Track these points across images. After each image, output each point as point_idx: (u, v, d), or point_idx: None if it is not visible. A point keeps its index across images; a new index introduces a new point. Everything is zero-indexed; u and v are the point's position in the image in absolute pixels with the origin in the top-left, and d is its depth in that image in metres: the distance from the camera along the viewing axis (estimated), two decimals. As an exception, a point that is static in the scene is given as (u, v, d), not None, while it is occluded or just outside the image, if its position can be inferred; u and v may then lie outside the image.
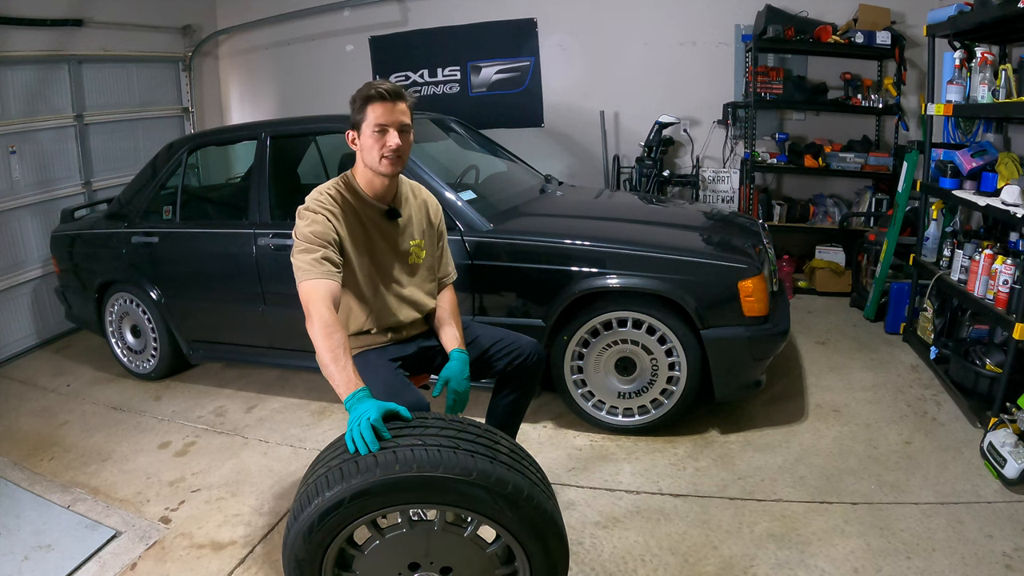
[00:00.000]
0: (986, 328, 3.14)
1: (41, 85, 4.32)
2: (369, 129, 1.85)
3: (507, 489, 1.41)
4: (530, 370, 2.13)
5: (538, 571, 1.52)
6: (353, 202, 1.94)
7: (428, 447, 1.42)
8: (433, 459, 1.40)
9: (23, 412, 3.41)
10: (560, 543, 1.51)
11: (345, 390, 1.56)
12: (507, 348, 2.12)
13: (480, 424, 1.59)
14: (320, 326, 1.64)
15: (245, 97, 6.04)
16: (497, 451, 1.49)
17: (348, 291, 1.97)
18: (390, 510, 1.45)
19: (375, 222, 1.97)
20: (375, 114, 1.84)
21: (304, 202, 1.90)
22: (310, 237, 1.80)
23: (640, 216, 3.31)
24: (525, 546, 1.49)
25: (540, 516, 1.46)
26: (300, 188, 3.93)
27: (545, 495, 1.51)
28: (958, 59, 3.03)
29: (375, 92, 1.84)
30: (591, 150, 5.06)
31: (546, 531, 1.48)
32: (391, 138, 1.85)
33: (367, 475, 1.39)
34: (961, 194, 3.04)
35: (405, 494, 1.41)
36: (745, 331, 2.59)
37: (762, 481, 2.46)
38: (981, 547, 2.04)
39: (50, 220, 4.21)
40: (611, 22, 4.89)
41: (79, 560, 2.19)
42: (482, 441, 1.50)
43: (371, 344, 2.05)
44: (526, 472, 1.50)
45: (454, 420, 1.57)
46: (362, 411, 1.47)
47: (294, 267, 1.79)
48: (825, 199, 4.77)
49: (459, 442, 1.46)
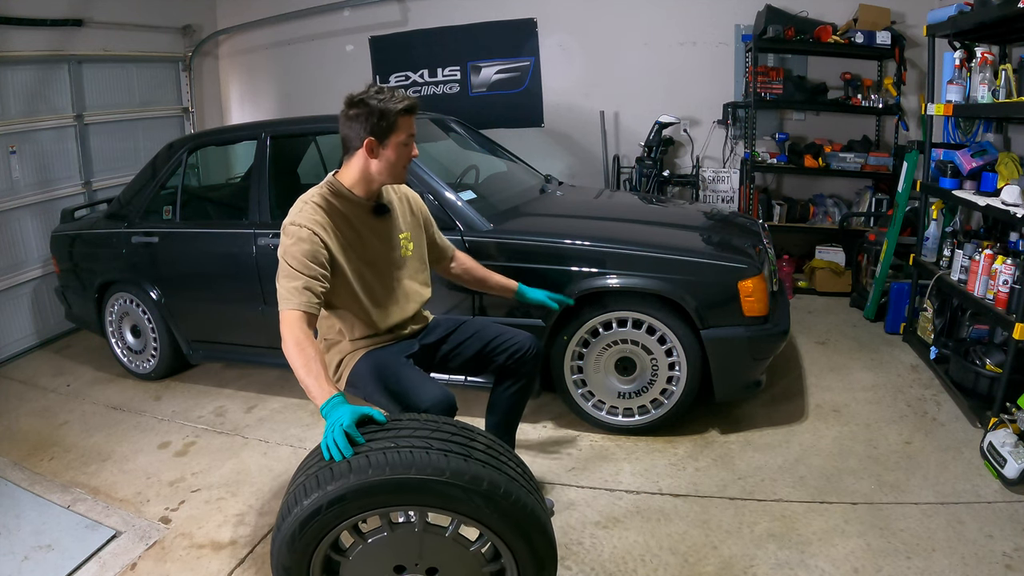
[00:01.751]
0: (986, 328, 3.14)
1: (41, 85, 4.32)
2: (400, 142, 1.87)
3: (482, 486, 1.42)
4: (530, 363, 2.17)
5: (525, 567, 1.51)
6: (340, 205, 1.92)
7: (400, 449, 1.43)
8: (405, 460, 1.41)
9: (23, 412, 3.41)
10: (543, 537, 1.50)
11: (320, 398, 1.56)
12: (507, 342, 2.15)
13: (456, 422, 1.60)
14: (292, 344, 1.66)
15: (245, 97, 6.04)
16: (472, 448, 1.49)
17: (346, 298, 1.96)
18: (369, 514, 1.46)
19: (364, 221, 1.97)
20: (407, 126, 1.87)
21: (289, 214, 1.87)
22: (294, 262, 1.78)
23: (640, 216, 3.31)
24: (508, 542, 1.49)
25: (520, 512, 1.45)
26: (300, 188, 3.88)
27: (525, 490, 1.50)
28: (958, 59, 3.03)
29: (409, 105, 1.86)
30: (591, 150, 5.06)
31: (528, 526, 1.47)
32: (414, 149, 1.91)
33: (341, 481, 1.40)
34: (961, 194, 3.04)
35: (380, 497, 1.42)
36: (745, 331, 2.59)
37: (762, 481, 2.46)
38: (981, 547, 2.04)
39: (50, 220, 4.21)
40: (611, 22, 4.89)
41: (79, 560, 2.19)
42: (456, 439, 1.50)
43: (376, 343, 2.05)
44: (503, 468, 1.49)
45: (429, 420, 1.58)
46: (336, 418, 1.49)
47: (277, 289, 1.78)
48: (825, 199, 4.77)
49: (432, 442, 1.46)
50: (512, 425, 2.28)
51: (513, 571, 1.53)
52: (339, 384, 2.08)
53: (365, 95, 1.84)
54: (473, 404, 3.11)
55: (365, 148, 1.87)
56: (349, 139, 1.90)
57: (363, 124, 1.85)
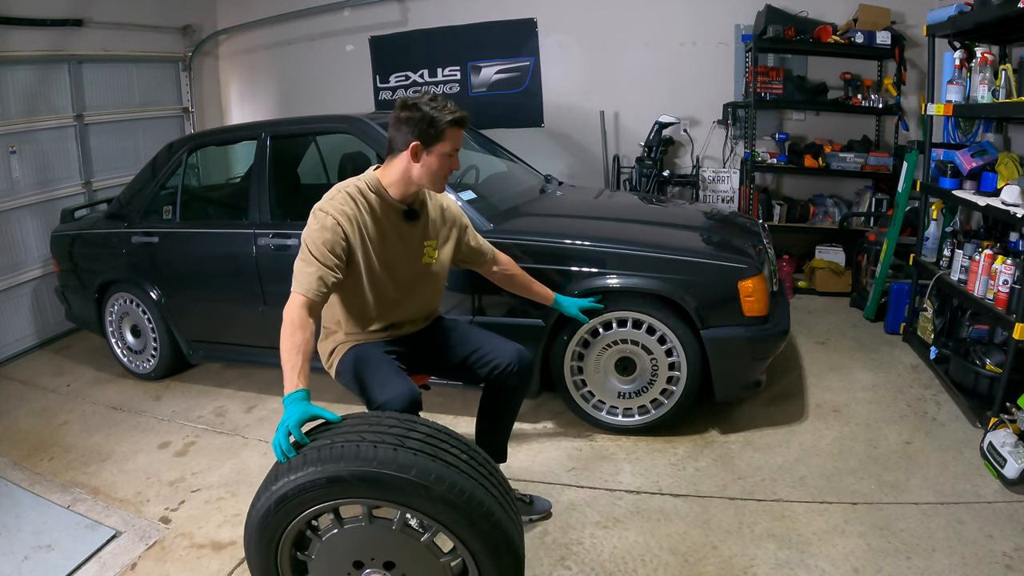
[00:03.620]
0: (986, 328, 3.14)
1: (41, 85, 4.32)
2: (445, 152, 1.90)
3: (411, 472, 1.42)
4: (513, 378, 2.10)
5: (476, 553, 1.48)
6: (374, 201, 1.95)
7: (335, 444, 1.46)
8: (335, 455, 1.44)
9: (23, 412, 3.41)
10: (487, 523, 1.45)
11: (286, 389, 1.61)
12: (487, 356, 2.10)
13: (399, 415, 1.61)
14: (287, 326, 1.71)
15: (245, 97, 6.04)
16: (408, 438, 1.49)
17: (353, 290, 1.99)
18: (315, 509, 1.50)
19: (392, 221, 1.99)
20: (454, 139, 1.90)
21: (322, 199, 1.93)
22: (313, 248, 1.83)
23: (640, 216, 3.31)
24: (454, 533, 1.47)
25: (456, 495, 1.43)
26: (300, 188, 3.93)
27: (466, 475, 1.48)
28: (958, 59, 3.03)
29: (460, 117, 1.89)
30: (591, 150, 5.06)
31: (469, 510, 1.44)
32: (457, 162, 1.93)
33: (283, 479, 1.47)
34: (961, 194, 3.04)
35: (317, 492, 1.45)
36: (745, 331, 2.59)
37: (762, 481, 2.46)
38: (981, 547, 2.04)
39: (50, 220, 4.21)
40: (611, 22, 4.89)
41: (79, 560, 2.20)
42: (394, 431, 1.51)
43: (368, 339, 2.07)
44: (439, 455, 1.48)
45: (370, 416, 1.60)
46: (285, 418, 1.53)
47: (294, 269, 1.83)
48: (825, 199, 4.77)
49: (364, 435, 1.48)
50: (496, 434, 2.24)
51: (467, 559, 1.51)
52: (330, 372, 2.12)
53: (419, 100, 1.87)
54: (473, 404, 3.07)
55: (410, 152, 1.89)
56: (395, 140, 1.92)
57: (412, 128, 1.87)
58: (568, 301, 2.49)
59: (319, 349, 2.15)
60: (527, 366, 2.12)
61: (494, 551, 1.48)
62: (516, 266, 2.40)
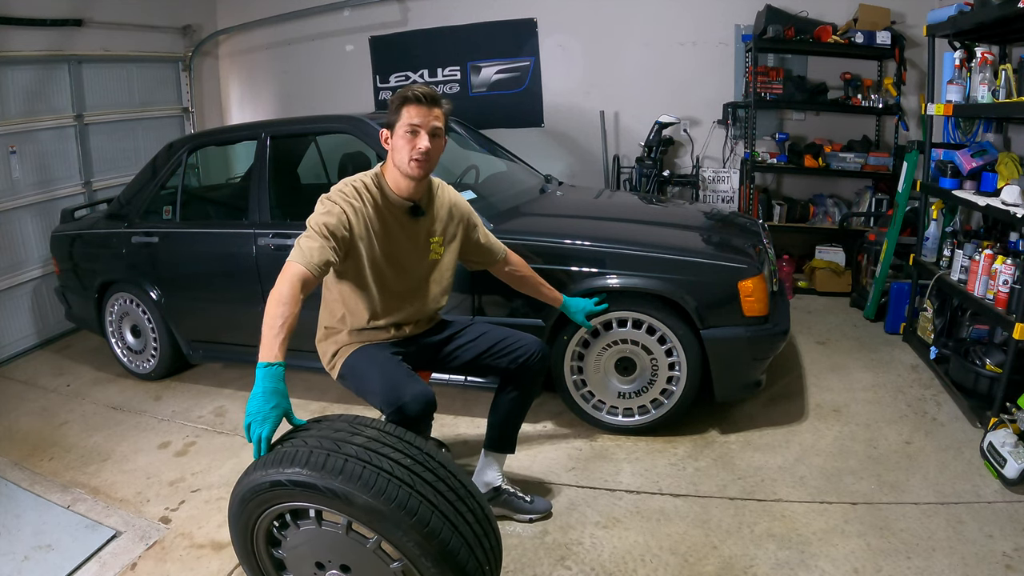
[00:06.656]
0: (986, 328, 3.14)
1: (41, 85, 4.32)
2: (402, 130, 1.90)
3: (336, 479, 1.41)
4: (533, 368, 2.15)
5: (414, 560, 1.45)
6: (379, 196, 1.98)
7: (282, 448, 1.49)
8: (278, 459, 1.47)
9: (23, 412, 3.41)
10: (419, 532, 1.41)
11: (263, 356, 1.57)
12: (512, 346, 2.14)
13: (351, 419, 1.60)
14: (275, 296, 1.67)
15: (245, 97, 6.04)
16: (347, 443, 1.48)
17: (356, 284, 1.99)
18: (273, 509, 1.55)
19: (397, 217, 2.00)
20: (409, 115, 1.89)
21: (331, 189, 1.96)
22: (316, 226, 1.84)
23: (640, 216, 3.31)
24: (389, 541, 1.46)
25: (383, 503, 1.40)
26: (300, 188, 3.93)
27: (400, 481, 1.43)
28: (958, 59, 3.03)
29: (412, 94, 1.89)
30: (591, 150, 5.06)
31: (398, 519, 1.41)
32: (421, 141, 1.90)
33: (242, 482, 1.53)
34: (961, 194, 3.04)
35: (265, 495, 1.50)
36: (745, 331, 2.59)
37: (762, 481, 2.46)
38: (981, 547, 2.04)
39: (50, 220, 4.21)
40: (611, 22, 4.89)
41: (79, 560, 2.19)
42: (338, 435, 1.51)
43: (372, 339, 2.07)
44: (374, 459, 1.45)
45: (325, 420, 1.62)
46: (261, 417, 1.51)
47: (295, 244, 1.82)
48: (825, 199, 4.77)
49: (307, 440, 1.50)
50: (510, 427, 2.27)
51: (408, 567, 1.49)
52: (332, 373, 2.11)
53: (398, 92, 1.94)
54: (474, 404, 3.12)
55: (383, 140, 1.97)
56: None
57: (386, 118, 1.95)
58: (576, 307, 2.50)
59: (319, 349, 2.15)
60: (548, 356, 2.22)
61: (434, 560, 1.44)
62: (528, 267, 2.41)
